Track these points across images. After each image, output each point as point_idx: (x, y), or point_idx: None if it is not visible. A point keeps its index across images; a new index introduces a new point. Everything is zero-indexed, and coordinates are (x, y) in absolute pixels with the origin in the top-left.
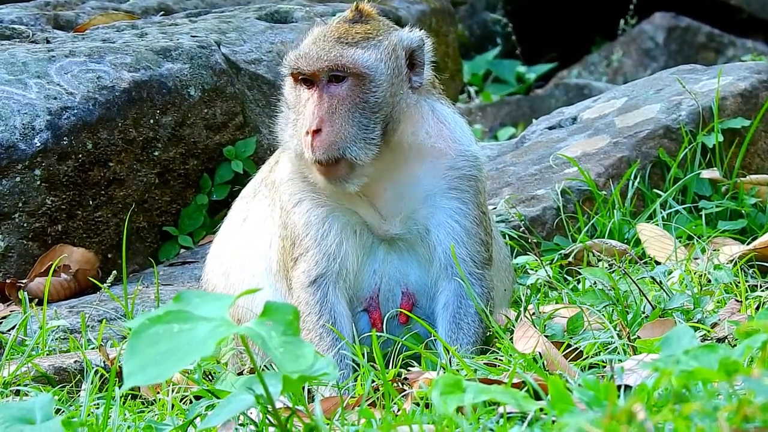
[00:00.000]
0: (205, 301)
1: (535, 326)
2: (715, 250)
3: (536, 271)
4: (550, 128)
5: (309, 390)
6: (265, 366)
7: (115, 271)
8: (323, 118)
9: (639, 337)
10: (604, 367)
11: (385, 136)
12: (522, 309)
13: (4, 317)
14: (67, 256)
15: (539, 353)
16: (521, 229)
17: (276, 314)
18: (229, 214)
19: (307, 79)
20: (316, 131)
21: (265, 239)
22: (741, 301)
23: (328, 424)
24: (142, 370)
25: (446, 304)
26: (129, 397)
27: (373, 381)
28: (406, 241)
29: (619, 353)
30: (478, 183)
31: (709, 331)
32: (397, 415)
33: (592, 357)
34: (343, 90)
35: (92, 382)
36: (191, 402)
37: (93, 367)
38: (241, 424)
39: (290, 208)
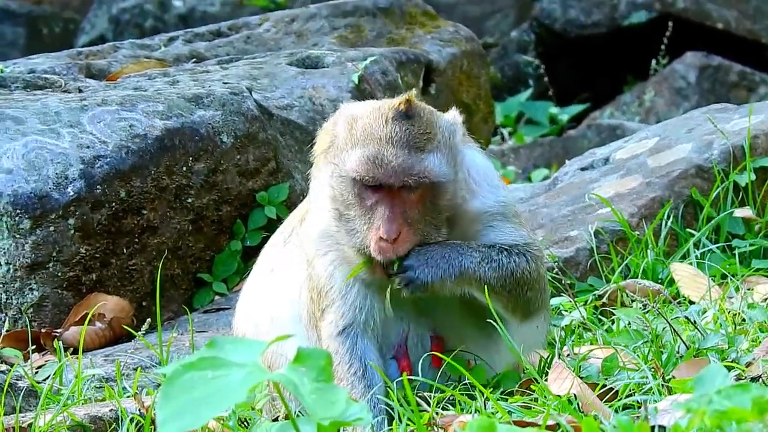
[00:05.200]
0: (237, 347)
1: (569, 368)
2: (749, 289)
3: (570, 312)
4: (583, 169)
5: None
6: (299, 412)
7: (149, 319)
8: (400, 225)
9: (674, 377)
10: (639, 407)
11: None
12: (556, 350)
13: (39, 367)
14: (102, 305)
15: (574, 395)
16: (555, 271)
17: (308, 360)
18: (258, 261)
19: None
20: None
21: (295, 288)
22: None
23: None
24: (176, 417)
25: None
26: None
27: (407, 425)
28: None
29: (653, 393)
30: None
31: (743, 370)
32: None
33: (626, 397)
34: (415, 196)
35: (127, 430)
36: None
37: (128, 415)
38: None
39: (316, 260)
